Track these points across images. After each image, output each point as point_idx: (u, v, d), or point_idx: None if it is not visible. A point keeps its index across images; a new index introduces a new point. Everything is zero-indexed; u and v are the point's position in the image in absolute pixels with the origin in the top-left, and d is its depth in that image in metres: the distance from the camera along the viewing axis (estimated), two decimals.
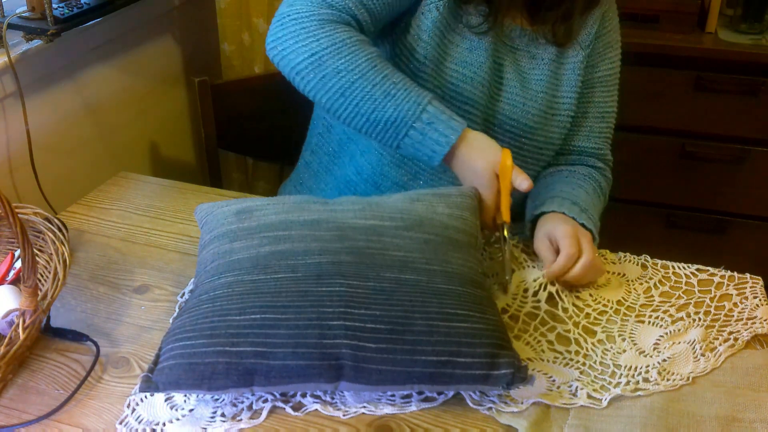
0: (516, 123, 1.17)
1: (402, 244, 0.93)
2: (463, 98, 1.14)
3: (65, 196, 1.40)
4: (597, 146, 1.25)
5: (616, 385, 0.89)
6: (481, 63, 1.13)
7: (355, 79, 1.00)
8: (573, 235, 1.03)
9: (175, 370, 0.81)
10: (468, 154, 1.03)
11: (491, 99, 1.16)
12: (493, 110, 1.17)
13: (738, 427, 0.83)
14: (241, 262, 0.90)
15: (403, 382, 0.83)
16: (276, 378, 0.81)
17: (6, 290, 0.97)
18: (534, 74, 1.17)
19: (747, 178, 1.87)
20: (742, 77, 1.76)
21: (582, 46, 1.18)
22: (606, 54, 1.22)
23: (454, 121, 1.01)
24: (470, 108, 1.14)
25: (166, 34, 1.83)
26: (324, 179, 1.29)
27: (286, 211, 0.98)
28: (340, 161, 1.26)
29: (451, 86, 1.13)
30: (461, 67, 1.13)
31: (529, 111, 1.16)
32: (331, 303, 0.84)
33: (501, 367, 0.83)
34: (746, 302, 1.02)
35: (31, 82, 1.41)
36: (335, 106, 1.01)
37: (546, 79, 1.17)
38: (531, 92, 1.17)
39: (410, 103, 1.00)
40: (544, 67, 1.17)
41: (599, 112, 1.24)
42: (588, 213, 1.09)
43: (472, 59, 1.13)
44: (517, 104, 1.16)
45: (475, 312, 0.86)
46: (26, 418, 0.85)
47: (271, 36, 1.04)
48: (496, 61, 1.16)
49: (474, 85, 1.13)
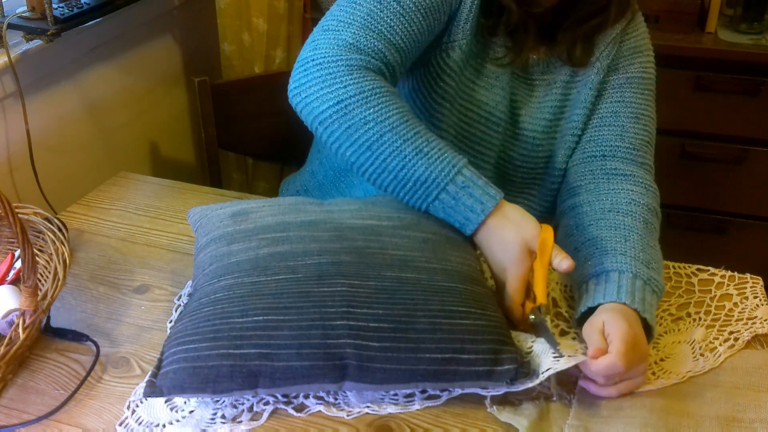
0: (529, 158, 1.14)
1: (401, 243, 0.93)
2: (477, 138, 1.11)
3: (65, 196, 1.40)
4: (633, 146, 1.09)
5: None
6: (497, 102, 1.10)
7: (384, 131, 0.91)
8: (629, 341, 0.84)
9: (179, 375, 0.81)
10: (501, 225, 0.92)
11: (505, 137, 1.13)
12: (507, 148, 1.14)
13: (738, 427, 0.83)
14: (240, 265, 0.90)
15: (408, 380, 0.83)
16: (281, 379, 0.81)
17: (6, 290, 0.97)
18: (546, 101, 1.13)
19: (747, 178, 1.87)
20: (742, 77, 1.76)
21: (599, 62, 1.10)
22: (634, 58, 1.12)
23: (492, 189, 0.92)
24: (484, 149, 1.12)
25: (166, 34, 1.83)
26: (330, 193, 1.26)
27: (282, 212, 0.98)
28: (348, 180, 1.21)
29: (467, 126, 1.10)
30: (477, 107, 1.09)
31: (540, 144, 1.13)
32: (333, 303, 0.84)
33: (504, 362, 0.83)
34: (746, 302, 1.02)
35: (31, 82, 1.40)
36: (360, 160, 0.92)
37: (556, 103, 1.12)
38: (542, 123, 1.12)
39: (444, 164, 0.91)
40: (557, 91, 1.12)
41: (632, 112, 1.11)
42: (652, 285, 0.93)
43: (488, 99, 1.09)
44: (528, 140, 1.13)
45: (476, 309, 0.87)
46: (26, 418, 0.85)
47: (293, 82, 0.96)
48: (512, 98, 1.12)
49: (489, 126, 1.10)
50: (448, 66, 1.05)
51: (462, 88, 1.09)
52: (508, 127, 1.13)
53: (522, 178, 1.17)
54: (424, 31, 1.00)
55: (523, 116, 1.13)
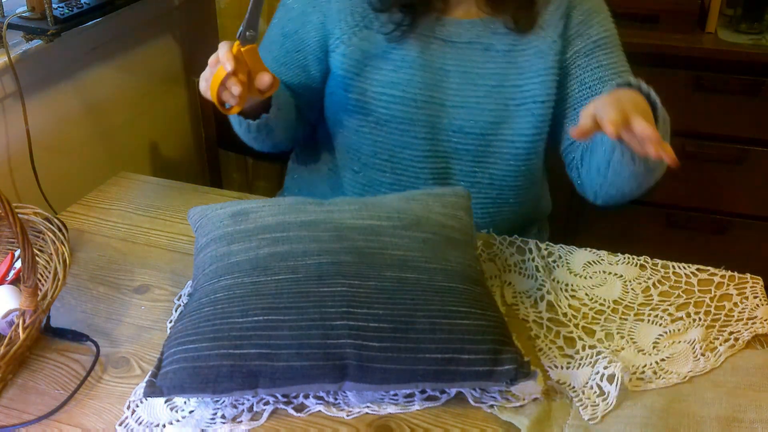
0: (474, 123, 1.14)
1: (401, 243, 0.93)
2: (399, 119, 1.14)
3: (65, 196, 1.40)
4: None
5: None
6: (409, 80, 1.12)
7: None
8: (615, 92, 0.92)
9: (179, 375, 0.81)
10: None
11: (437, 109, 1.14)
12: (443, 119, 1.14)
13: (738, 427, 0.83)
14: (240, 265, 0.90)
15: (408, 380, 0.83)
16: (281, 379, 0.81)
17: (6, 290, 0.97)
18: (487, 68, 1.13)
19: (747, 178, 1.87)
20: (742, 77, 1.76)
21: (543, 28, 1.13)
22: (591, 21, 1.15)
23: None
24: (409, 127, 1.14)
25: (166, 34, 1.83)
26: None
27: (282, 212, 0.98)
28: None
29: (384, 110, 1.13)
30: (389, 89, 1.12)
31: (486, 107, 1.13)
32: (333, 303, 0.84)
33: (504, 363, 0.83)
34: (746, 302, 1.02)
35: (31, 82, 1.41)
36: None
37: (501, 71, 1.13)
38: (485, 88, 1.13)
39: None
40: (499, 59, 1.13)
41: (613, 72, 1.15)
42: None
43: (398, 78, 1.12)
44: (469, 104, 1.14)
45: (476, 309, 0.87)
46: (26, 418, 0.85)
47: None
48: (438, 68, 1.13)
49: (406, 104, 1.13)
50: (341, 62, 1.13)
51: (365, 77, 1.13)
52: (437, 97, 1.13)
53: (473, 144, 1.16)
54: (291, 51, 1.18)
55: (456, 82, 1.14)
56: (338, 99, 1.17)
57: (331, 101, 1.19)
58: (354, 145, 1.19)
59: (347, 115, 1.17)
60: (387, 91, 1.13)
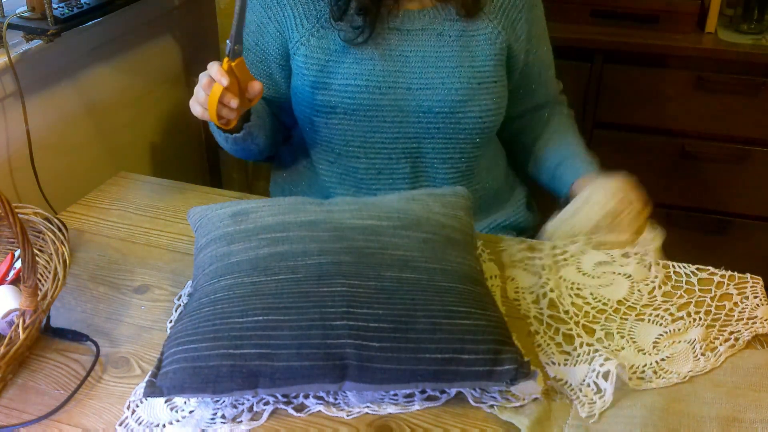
0: (443, 102, 1.18)
1: (401, 244, 0.93)
2: (365, 108, 1.17)
3: (65, 196, 1.40)
4: (556, 89, 1.38)
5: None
6: (371, 69, 1.16)
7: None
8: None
9: (179, 375, 0.81)
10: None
11: (403, 93, 1.17)
12: (410, 102, 1.18)
13: (738, 427, 0.83)
14: (240, 265, 0.90)
15: (408, 380, 0.83)
16: (280, 379, 0.81)
17: (6, 290, 0.97)
18: (444, 52, 1.18)
19: (747, 178, 1.87)
20: (742, 77, 1.76)
21: (489, 17, 1.20)
22: (530, 14, 1.25)
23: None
24: (377, 113, 1.17)
25: (166, 34, 1.83)
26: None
27: (282, 212, 0.98)
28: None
29: (350, 101, 1.16)
30: (353, 80, 1.16)
31: (451, 86, 1.18)
32: (333, 303, 0.84)
33: (504, 363, 0.83)
34: (747, 302, 1.02)
35: (31, 82, 1.41)
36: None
37: (457, 54, 1.18)
38: (446, 69, 1.18)
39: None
40: (452, 43, 1.19)
41: (547, 63, 1.34)
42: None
43: (360, 69, 1.16)
44: (435, 85, 1.18)
45: (476, 309, 0.87)
46: (26, 418, 0.85)
47: None
48: (398, 55, 1.17)
49: (372, 92, 1.16)
50: (303, 62, 1.18)
51: (328, 72, 1.17)
52: (401, 82, 1.17)
53: (444, 122, 1.19)
54: (255, 62, 1.24)
55: (417, 66, 1.18)
56: (305, 97, 1.20)
57: (298, 101, 1.23)
58: (326, 137, 1.23)
59: (315, 111, 1.20)
60: (351, 82, 1.16)
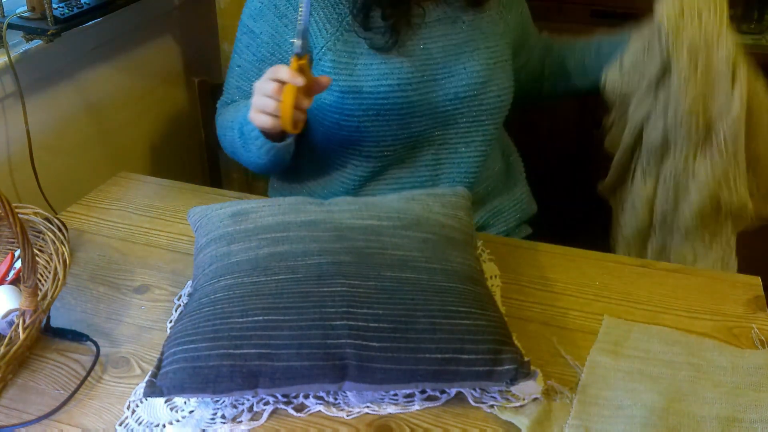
0: (467, 86, 1.19)
1: (401, 243, 0.93)
2: (399, 107, 1.16)
3: (65, 196, 1.40)
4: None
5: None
6: (399, 67, 1.16)
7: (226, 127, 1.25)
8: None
9: (179, 375, 0.81)
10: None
11: (430, 85, 1.18)
12: (438, 92, 1.18)
13: (738, 427, 0.83)
14: (240, 265, 0.90)
15: (408, 380, 0.83)
16: (280, 379, 0.81)
17: (6, 290, 0.97)
18: (461, 37, 1.21)
19: None
20: None
21: (494, 3, 1.25)
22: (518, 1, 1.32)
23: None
24: (408, 110, 1.17)
25: (166, 34, 1.83)
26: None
27: (283, 212, 0.98)
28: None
29: (384, 101, 1.15)
30: (384, 81, 1.15)
31: (472, 70, 1.19)
32: (333, 303, 0.84)
33: (504, 363, 0.83)
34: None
35: (31, 82, 1.41)
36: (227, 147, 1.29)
37: (473, 38, 1.21)
38: (465, 54, 1.20)
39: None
40: (467, 28, 1.21)
41: (534, 28, 1.39)
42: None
43: (389, 69, 1.15)
44: (458, 71, 1.19)
45: (476, 309, 0.87)
46: (26, 418, 0.85)
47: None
48: (421, 49, 1.18)
49: (403, 89, 1.16)
50: (331, 68, 1.15)
51: (358, 77, 1.15)
52: (433, 73, 1.18)
53: (468, 105, 1.21)
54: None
55: (441, 56, 1.19)
56: (332, 102, 1.17)
57: (323, 107, 1.19)
58: (355, 140, 1.20)
59: (345, 116, 1.17)
60: (383, 83, 1.15)
